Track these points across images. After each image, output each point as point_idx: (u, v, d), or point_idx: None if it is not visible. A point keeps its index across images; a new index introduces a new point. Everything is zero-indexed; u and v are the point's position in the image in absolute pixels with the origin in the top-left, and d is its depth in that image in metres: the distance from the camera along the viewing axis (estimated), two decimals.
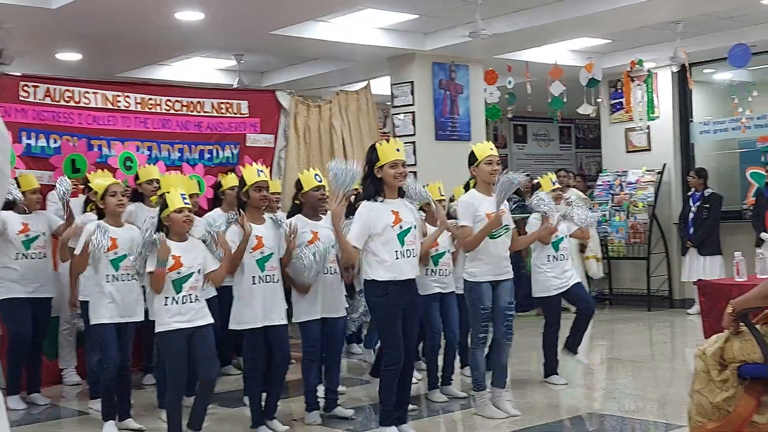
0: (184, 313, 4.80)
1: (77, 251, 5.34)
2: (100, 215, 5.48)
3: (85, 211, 6.20)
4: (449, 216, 6.03)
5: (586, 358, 6.72)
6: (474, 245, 5.34)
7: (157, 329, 4.89)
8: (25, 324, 6.17)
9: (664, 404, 5.91)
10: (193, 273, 4.85)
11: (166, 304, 4.82)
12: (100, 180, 5.54)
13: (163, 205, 4.95)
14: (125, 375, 5.39)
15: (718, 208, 9.87)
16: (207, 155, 7.92)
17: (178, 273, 4.79)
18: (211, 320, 4.95)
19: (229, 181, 6.98)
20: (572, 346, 6.54)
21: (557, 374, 6.47)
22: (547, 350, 6.49)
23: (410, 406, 5.64)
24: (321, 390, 5.66)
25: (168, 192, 5.01)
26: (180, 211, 4.86)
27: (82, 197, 6.46)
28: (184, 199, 4.91)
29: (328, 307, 5.44)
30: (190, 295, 4.82)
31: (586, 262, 10.55)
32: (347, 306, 5.71)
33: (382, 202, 4.90)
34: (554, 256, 6.35)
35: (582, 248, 10.10)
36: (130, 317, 5.38)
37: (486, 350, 5.61)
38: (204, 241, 5.00)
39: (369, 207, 4.90)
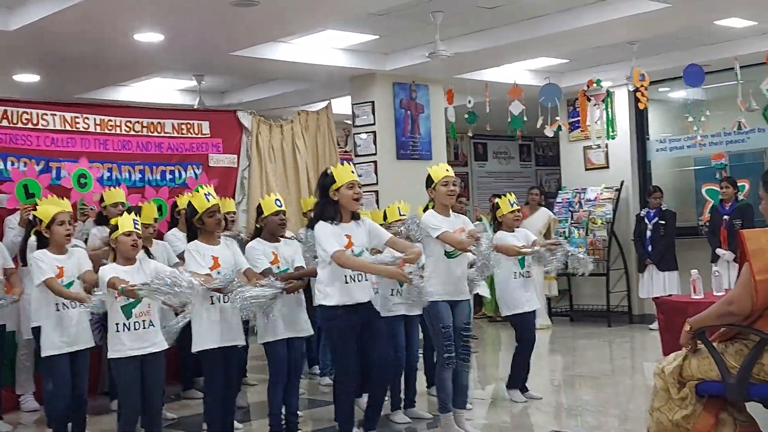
0: (135, 339, 4.76)
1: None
2: (42, 243, 5.28)
3: (28, 236, 6.05)
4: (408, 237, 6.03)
5: (539, 393, 6.59)
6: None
7: (110, 355, 4.84)
8: None
9: (625, 420, 5.97)
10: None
11: (117, 330, 4.77)
12: (46, 207, 5.34)
13: (114, 228, 4.94)
14: (81, 404, 5.29)
15: (673, 223, 10.14)
16: (169, 176, 7.88)
17: (127, 298, 4.73)
18: (165, 346, 4.91)
19: (185, 201, 6.95)
20: (518, 382, 6.45)
21: (519, 390, 6.48)
22: (515, 365, 6.46)
23: None
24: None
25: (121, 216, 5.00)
26: (128, 234, 4.85)
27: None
28: (136, 224, 4.91)
29: (291, 327, 5.37)
30: (143, 321, 4.78)
31: (549, 282, 10.60)
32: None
33: (336, 225, 4.95)
34: (520, 273, 6.37)
35: None
36: (81, 345, 5.29)
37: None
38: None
39: (327, 225, 4.93)
